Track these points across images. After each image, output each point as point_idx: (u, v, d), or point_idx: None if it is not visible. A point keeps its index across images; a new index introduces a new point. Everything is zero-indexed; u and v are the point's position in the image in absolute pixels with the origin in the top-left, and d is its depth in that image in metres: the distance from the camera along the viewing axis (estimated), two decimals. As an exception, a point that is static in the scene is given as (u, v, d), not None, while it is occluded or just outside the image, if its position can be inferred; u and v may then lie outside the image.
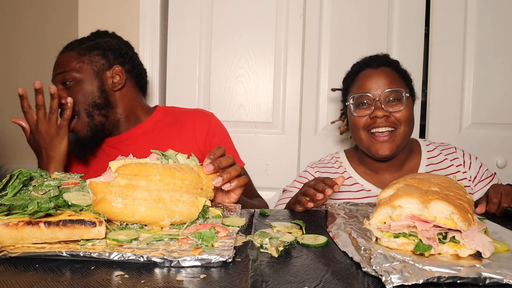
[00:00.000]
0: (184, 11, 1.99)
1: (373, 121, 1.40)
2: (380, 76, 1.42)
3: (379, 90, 1.40)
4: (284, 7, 1.97)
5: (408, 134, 1.43)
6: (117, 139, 1.52)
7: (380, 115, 1.38)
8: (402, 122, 1.39)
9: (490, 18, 1.96)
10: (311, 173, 1.57)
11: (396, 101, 1.40)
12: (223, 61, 1.99)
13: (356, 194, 1.48)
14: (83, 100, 1.43)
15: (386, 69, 1.44)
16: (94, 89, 1.44)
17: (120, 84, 1.49)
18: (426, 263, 0.64)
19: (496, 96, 1.98)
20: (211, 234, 0.74)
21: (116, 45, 1.52)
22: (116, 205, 0.78)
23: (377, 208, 0.77)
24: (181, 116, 1.59)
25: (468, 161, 1.51)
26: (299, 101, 1.99)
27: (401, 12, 1.97)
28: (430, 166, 1.50)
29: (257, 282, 0.61)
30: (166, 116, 1.59)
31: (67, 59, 1.45)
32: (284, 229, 0.89)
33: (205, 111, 1.66)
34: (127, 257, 0.67)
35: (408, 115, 1.40)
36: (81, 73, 1.43)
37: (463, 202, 0.76)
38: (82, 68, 1.44)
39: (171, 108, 1.66)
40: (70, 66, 1.43)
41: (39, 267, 0.65)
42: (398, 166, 1.50)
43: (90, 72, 1.45)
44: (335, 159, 1.60)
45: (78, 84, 1.43)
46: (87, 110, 1.44)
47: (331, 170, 1.57)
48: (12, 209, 0.74)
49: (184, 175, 0.86)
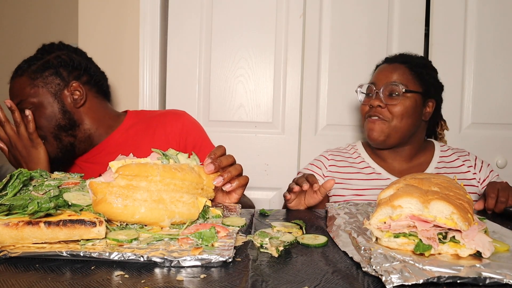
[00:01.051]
0: (184, 11, 1.98)
1: (370, 109, 1.50)
2: (389, 71, 1.51)
3: (382, 83, 1.49)
4: (284, 7, 1.97)
5: (400, 129, 1.47)
6: (90, 154, 1.48)
7: (374, 104, 1.47)
8: (394, 116, 1.46)
9: (490, 18, 1.96)
10: (325, 156, 1.63)
11: (394, 95, 1.47)
12: (223, 61, 1.99)
13: (367, 176, 1.55)
14: (46, 124, 1.37)
15: (400, 65, 1.51)
16: (56, 111, 1.38)
17: (82, 99, 1.42)
18: (426, 263, 0.64)
19: (496, 96, 1.98)
20: (211, 234, 0.74)
21: (67, 59, 1.43)
22: (116, 206, 0.78)
23: (377, 208, 0.77)
24: (152, 119, 1.54)
25: (479, 164, 1.56)
26: (299, 101, 1.99)
27: (401, 12, 1.97)
28: (441, 163, 1.55)
29: (257, 282, 0.61)
30: (137, 121, 1.54)
31: (19, 86, 1.38)
32: (284, 229, 0.89)
33: (176, 111, 1.59)
34: (127, 257, 0.67)
35: (402, 110, 1.45)
36: (38, 98, 1.37)
37: (463, 202, 0.75)
38: (38, 93, 1.37)
39: (143, 112, 1.60)
40: (25, 93, 1.36)
41: (39, 267, 0.65)
42: (407, 158, 1.56)
43: (47, 95, 1.38)
44: (351, 146, 1.67)
45: (38, 110, 1.36)
46: (53, 134, 1.39)
47: (345, 155, 1.63)
48: (12, 209, 0.74)
49: (184, 175, 0.86)
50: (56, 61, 1.42)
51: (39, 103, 1.37)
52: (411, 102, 1.47)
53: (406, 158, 1.56)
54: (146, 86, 1.96)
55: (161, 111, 1.61)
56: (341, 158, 1.62)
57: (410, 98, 1.47)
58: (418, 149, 1.57)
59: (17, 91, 1.39)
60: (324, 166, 1.59)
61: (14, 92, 1.40)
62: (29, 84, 1.37)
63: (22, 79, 1.39)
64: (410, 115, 1.47)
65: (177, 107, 1.82)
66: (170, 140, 1.49)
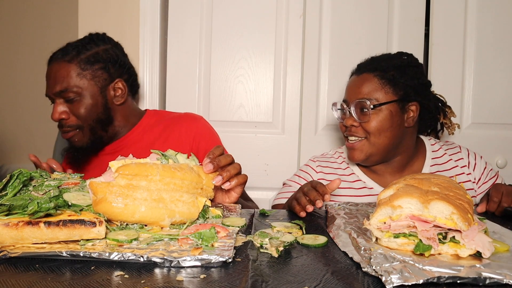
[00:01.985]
0: (184, 11, 1.98)
1: (347, 129, 1.43)
2: (356, 84, 1.42)
3: (352, 99, 1.41)
4: (284, 7, 1.97)
5: (381, 146, 1.38)
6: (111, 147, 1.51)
7: (348, 124, 1.40)
8: (370, 133, 1.38)
9: (490, 18, 1.96)
10: (312, 167, 1.55)
11: (365, 111, 1.37)
12: (223, 61, 1.99)
13: (358, 192, 1.47)
14: (86, 115, 1.40)
15: (368, 75, 1.41)
16: (99, 105, 1.41)
17: (123, 98, 1.47)
18: (426, 263, 0.64)
19: (496, 96, 1.98)
20: (211, 234, 0.74)
21: (114, 55, 1.47)
22: (116, 205, 0.78)
23: (377, 208, 0.77)
24: (169, 121, 1.56)
25: (472, 161, 1.49)
26: (299, 101, 1.99)
27: (401, 12, 1.97)
28: (434, 166, 1.48)
29: (257, 282, 0.61)
30: (155, 120, 1.57)
31: (67, 73, 1.38)
32: (284, 229, 0.89)
33: (194, 115, 1.61)
34: (127, 257, 0.67)
35: (375, 126, 1.36)
36: (84, 89, 1.39)
37: (463, 202, 0.76)
38: (86, 85, 1.39)
39: (161, 112, 1.63)
40: (72, 82, 1.37)
41: (39, 267, 0.65)
42: (398, 168, 1.47)
43: (93, 88, 1.40)
44: (339, 154, 1.58)
45: (81, 100, 1.39)
46: (90, 126, 1.41)
47: (333, 165, 1.54)
48: (12, 209, 0.74)
49: (184, 175, 0.86)
50: (105, 55, 1.44)
51: (84, 94, 1.39)
52: (385, 114, 1.36)
53: (397, 169, 1.47)
54: (146, 86, 1.96)
55: (179, 114, 1.62)
56: (330, 170, 1.53)
57: (383, 110, 1.36)
58: (409, 157, 1.47)
59: (63, 78, 1.38)
60: (312, 179, 1.50)
61: (59, 77, 1.38)
62: (78, 73, 1.38)
63: (70, 66, 1.38)
64: (387, 128, 1.37)
65: (177, 107, 1.82)
66: (183, 143, 1.50)
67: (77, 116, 1.40)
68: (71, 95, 1.38)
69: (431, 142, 1.55)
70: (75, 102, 1.39)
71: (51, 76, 1.40)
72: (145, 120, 1.56)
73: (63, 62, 1.39)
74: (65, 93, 1.38)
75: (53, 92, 1.40)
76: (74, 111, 1.40)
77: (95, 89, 1.41)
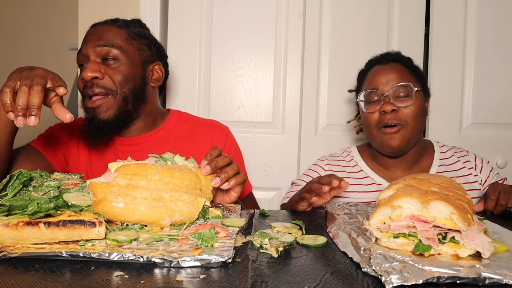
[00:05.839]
0: (184, 11, 1.98)
1: (382, 117, 1.40)
2: (388, 72, 1.43)
3: (387, 85, 1.41)
4: (284, 7, 1.97)
5: (416, 130, 1.41)
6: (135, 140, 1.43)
7: (388, 109, 1.38)
8: (409, 118, 1.39)
9: (490, 18, 1.96)
10: (321, 166, 1.57)
11: (405, 97, 1.39)
12: (223, 61, 1.99)
13: (367, 188, 1.48)
14: (123, 82, 1.31)
15: (396, 64, 1.45)
16: (138, 76, 1.36)
17: (159, 82, 1.44)
18: (426, 263, 0.64)
19: (496, 96, 1.98)
20: (211, 234, 0.75)
21: (159, 44, 1.48)
22: (116, 205, 0.78)
23: (377, 208, 0.77)
24: (197, 126, 1.53)
25: (479, 164, 1.52)
26: (299, 101, 1.99)
27: (401, 12, 1.97)
28: (442, 166, 1.50)
29: (256, 283, 0.61)
30: (180, 122, 1.53)
31: (115, 34, 1.33)
32: (284, 230, 0.89)
33: (222, 125, 1.59)
34: (127, 258, 0.67)
35: (416, 110, 1.39)
36: (128, 56, 1.33)
37: (463, 202, 0.76)
38: (131, 51, 1.35)
39: (184, 114, 1.59)
40: (118, 43, 1.32)
41: (39, 268, 0.65)
42: (410, 163, 1.49)
43: (136, 58, 1.36)
44: (347, 153, 1.60)
45: (121, 65, 1.32)
46: (124, 94, 1.32)
47: (342, 163, 1.56)
48: (12, 210, 0.74)
49: (183, 175, 0.86)
50: (151, 37, 1.45)
51: (126, 59, 1.33)
52: (420, 100, 1.42)
53: (409, 163, 1.49)
54: (146, 86, 1.96)
55: (204, 119, 1.60)
56: (339, 168, 1.55)
57: (418, 96, 1.41)
58: (420, 152, 1.51)
59: (109, 37, 1.32)
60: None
61: (105, 35, 1.32)
62: (125, 38, 1.35)
63: (119, 30, 1.35)
64: (422, 114, 1.42)
65: (177, 107, 1.82)
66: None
67: (113, 79, 1.31)
68: (114, 54, 1.31)
69: (440, 144, 1.59)
70: (115, 65, 1.31)
71: (96, 34, 1.33)
72: (170, 120, 1.52)
73: (112, 26, 1.36)
74: (109, 50, 1.31)
75: (95, 45, 1.31)
76: (111, 74, 1.31)
77: (138, 60, 1.37)
